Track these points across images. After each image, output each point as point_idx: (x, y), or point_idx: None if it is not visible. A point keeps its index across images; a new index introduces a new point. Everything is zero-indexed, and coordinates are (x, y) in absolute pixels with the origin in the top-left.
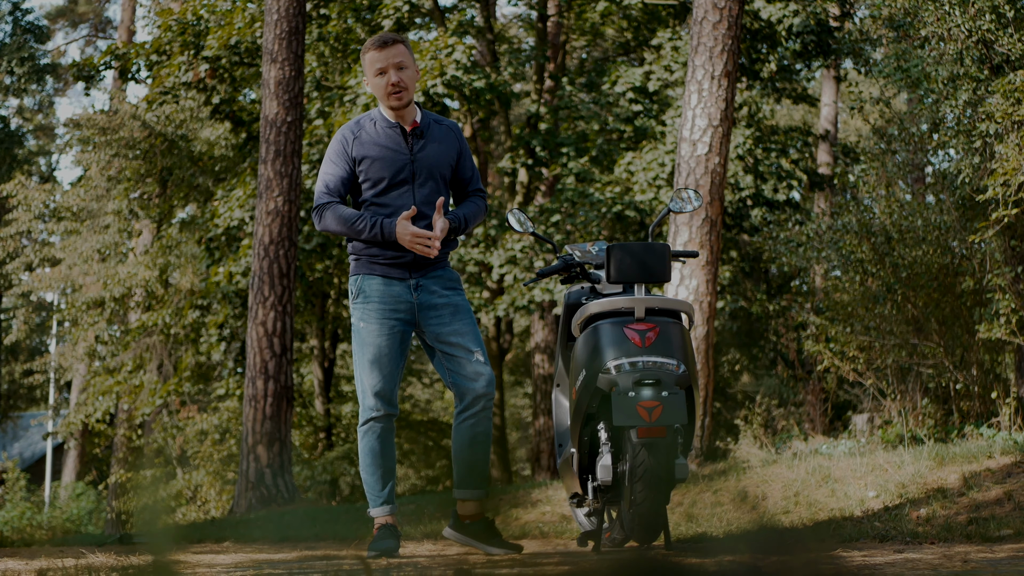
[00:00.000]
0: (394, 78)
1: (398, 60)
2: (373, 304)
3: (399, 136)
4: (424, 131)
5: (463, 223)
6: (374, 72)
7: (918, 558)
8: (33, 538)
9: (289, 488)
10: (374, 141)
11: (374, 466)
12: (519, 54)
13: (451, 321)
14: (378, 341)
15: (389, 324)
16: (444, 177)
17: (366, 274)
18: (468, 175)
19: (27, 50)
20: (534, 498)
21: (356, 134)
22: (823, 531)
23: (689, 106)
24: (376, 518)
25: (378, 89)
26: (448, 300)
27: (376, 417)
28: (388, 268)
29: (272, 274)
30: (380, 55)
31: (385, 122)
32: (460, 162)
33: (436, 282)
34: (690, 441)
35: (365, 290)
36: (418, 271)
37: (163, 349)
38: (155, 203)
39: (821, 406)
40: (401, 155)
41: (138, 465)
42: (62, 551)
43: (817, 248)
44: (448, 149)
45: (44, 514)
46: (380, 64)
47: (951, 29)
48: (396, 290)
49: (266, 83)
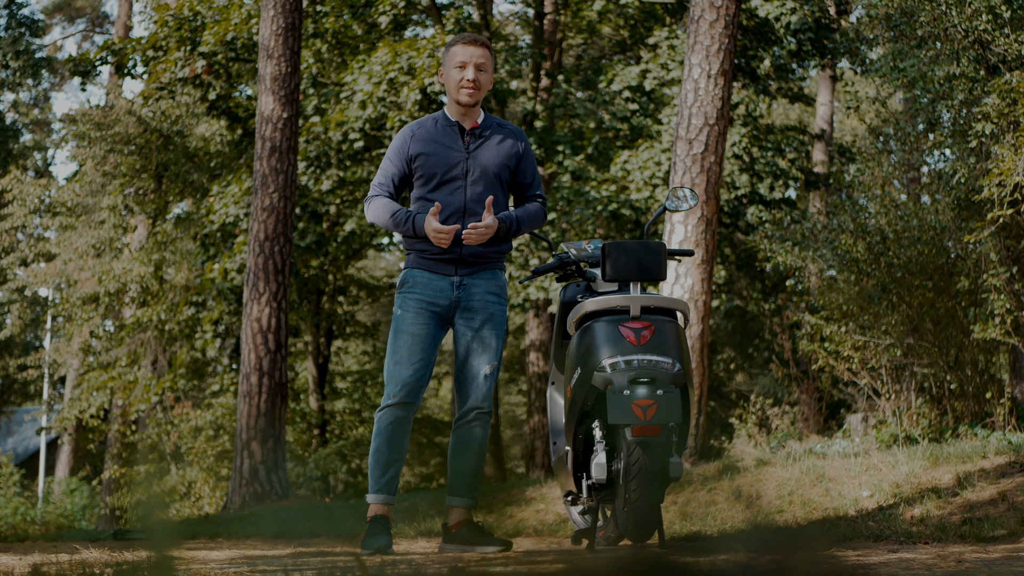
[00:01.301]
0: (471, 75)
1: (481, 61)
2: (415, 295)
3: (457, 134)
4: (483, 132)
5: (515, 223)
6: (455, 64)
7: (912, 558)
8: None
9: (283, 484)
10: (431, 138)
11: (380, 452)
12: (515, 52)
13: (480, 328)
14: (412, 329)
15: (426, 315)
16: (500, 178)
17: (413, 267)
18: (528, 180)
19: (23, 44)
20: (528, 496)
21: (415, 132)
22: (817, 530)
23: (685, 104)
24: (371, 504)
25: (452, 82)
26: (485, 307)
27: (392, 404)
28: (434, 263)
29: (267, 270)
30: (466, 50)
31: (446, 121)
32: (520, 166)
33: (481, 284)
34: (685, 440)
35: (409, 280)
36: (465, 268)
37: (158, 345)
38: (150, 199)
39: (816, 405)
40: (456, 152)
41: (132, 461)
42: (56, 547)
43: (812, 247)
44: (507, 151)
45: (38, 509)
46: (463, 58)
47: (947, 29)
48: (439, 284)
49: (262, 79)
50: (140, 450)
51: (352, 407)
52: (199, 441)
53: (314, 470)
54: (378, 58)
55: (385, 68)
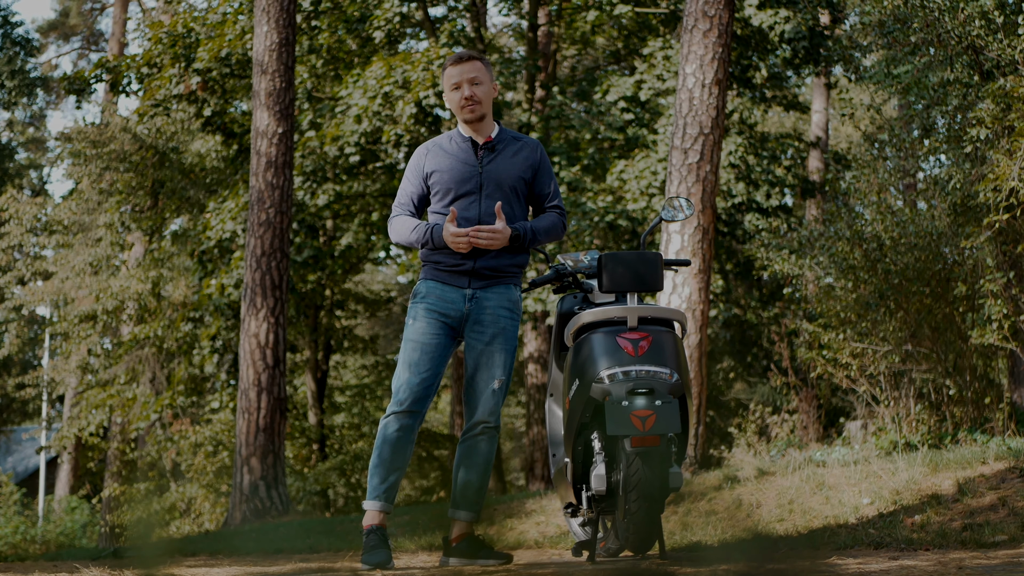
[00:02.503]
0: (467, 92)
1: (472, 75)
2: (426, 305)
3: (470, 149)
4: (497, 145)
5: (529, 233)
6: (450, 87)
7: (913, 565)
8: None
9: (283, 500)
10: (446, 154)
11: (381, 458)
12: (510, 63)
13: (491, 342)
14: (422, 339)
15: (436, 325)
16: (516, 190)
17: (427, 278)
18: (546, 191)
19: (18, 63)
20: (528, 508)
21: (430, 149)
22: (818, 539)
23: (680, 114)
24: (368, 511)
25: (453, 103)
26: (496, 319)
27: (398, 412)
28: (448, 275)
29: (264, 286)
30: (456, 70)
31: (460, 137)
32: (537, 177)
33: (494, 299)
34: (684, 450)
35: (422, 291)
36: (479, 281)
37: (156, 362)
38: (147, 216)
39: (815, 413)
40: (469, 167)
41: (132, 478)
42: (56, 565)
43: (809, 255)
44: (522, 163)
45: (38, 528)
46: (456, 79)
47: (941, 35)
48: (452, 296)
49: (257, 94)
50: (140, 467)
51: (351, 421)
52: (198, 458)
53: (314, 485)
54: (373, 72)
55: (380, 82)
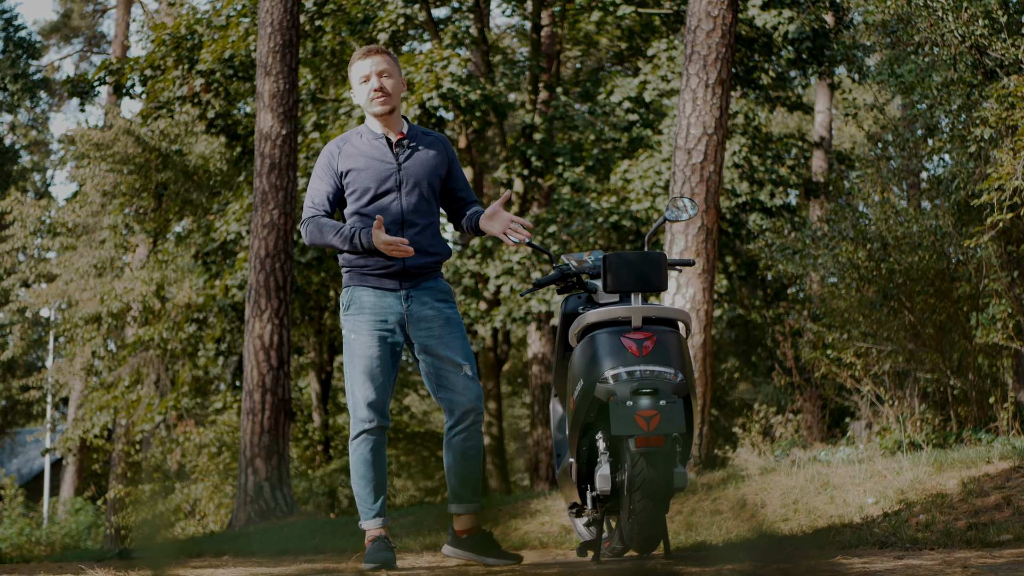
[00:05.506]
0: (376, 84)
1: (382, 68)
2: (364, 315)
3: (385, 146)
4: (411, 142)
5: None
6: (359, 80)
7: (918, 564)
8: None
9: (288, 501)
10: (360, 152)
11: (366, 479)
12: (514, 65)
13: (441, 334)
14: (369, 352)
15: (380, 335)
16: (432, 187)
17: (357, 285)
18: (460, 185)
19: (20, 66)
20: (533, 508)
21: (341, 148)
22: (822, 538)
23: (684, 115)
24: (368, 531)
25: (362, 97)
26: (439, 312)
27: (368, 429)
28: (379, 279)
29: (268, 287)
30: (365, 63)
31: (371, 134)
32: (451, 173)
33: (428, 293)
34: (688, 450)
35: (356, 301)
36: (409, 281)
37: (160, 364)
38: (151, 218)
39: (819, 413)
40: (387, 165)
41: (136, 480)
42: (61, 567)
43: (813, 255)
44: (437, 160)
45: (43, 530)
46: (364, 72)
47: (944, 35)
48: (387, 301)
49: (260, 96)
50: (144, 469)
51: None
52: (203, 459)
53: (319, 486)
54: None
55: None
